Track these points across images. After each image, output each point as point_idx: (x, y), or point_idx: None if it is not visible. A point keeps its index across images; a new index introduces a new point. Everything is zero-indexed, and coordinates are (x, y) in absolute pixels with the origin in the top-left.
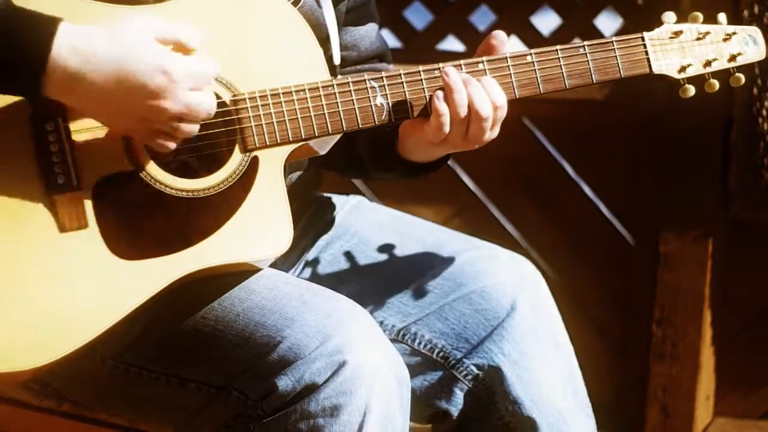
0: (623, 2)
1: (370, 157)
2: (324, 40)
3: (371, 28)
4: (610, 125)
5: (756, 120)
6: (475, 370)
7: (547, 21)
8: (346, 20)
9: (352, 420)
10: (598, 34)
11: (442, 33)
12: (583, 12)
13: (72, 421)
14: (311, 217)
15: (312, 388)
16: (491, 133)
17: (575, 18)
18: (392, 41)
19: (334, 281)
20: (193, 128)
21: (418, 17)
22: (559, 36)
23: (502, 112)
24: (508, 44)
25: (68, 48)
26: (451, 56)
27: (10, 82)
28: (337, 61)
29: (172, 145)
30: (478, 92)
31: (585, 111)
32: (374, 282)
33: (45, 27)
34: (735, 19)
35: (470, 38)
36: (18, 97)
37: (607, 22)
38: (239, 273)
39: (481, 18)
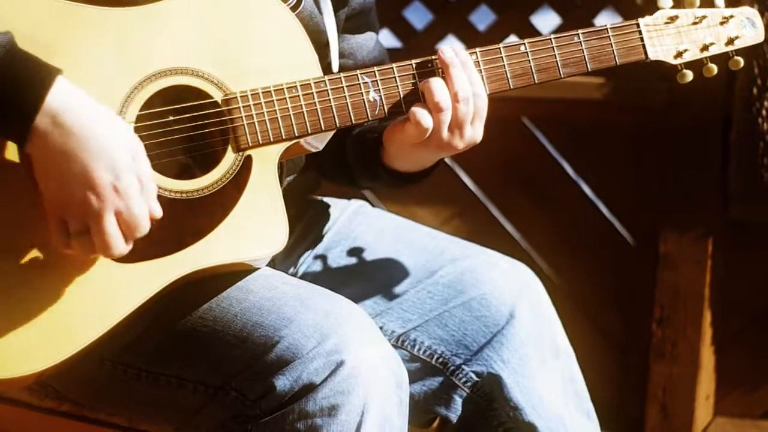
0: (623, 2)
1: (357, 166)
2: (323, 47)
3: (369, 37)
4: (609, 125)
5: (756, 120)
6: (475, 377)
7: (547, 21)
8: (345, 28)
9: (350, 420)
10: None
11: (442, 33)
12: (583, 12)
13: (72, 421)
14: (310, 220)
15: (310, 388)
16: (473, 129)
17: (575, 18)
18: (392, 41)
19: (334, 285)
20: (87, 251)
21: (418, 17)
22: None
23: (480, 101)
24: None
25: (60, 100)
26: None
27: (2, 125)
28: (335, 68)
29: (59, 249)
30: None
31: (585, 110)
32: (374, 287)
33: (44, 75)
34: None
35: (470, 38)
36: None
37: (607, 22)
38: (236, 273)
39: (481, 18)
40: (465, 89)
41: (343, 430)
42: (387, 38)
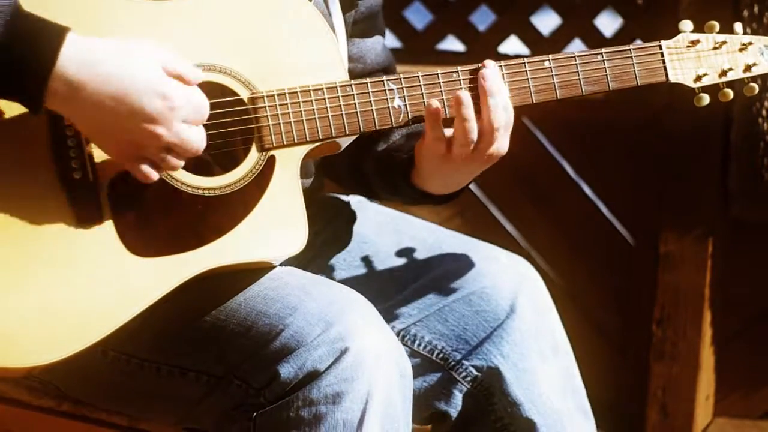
0: (623, 2)
1: (380, 182)
2: None
3: (377, 40)
4: (610, 125)
5: (756, 120)
6: (474, 372)
7: (547, 21)
8: (353, 32)
9: (354, 407)
10: (598, 34)
11: (442, 33)
12: (583, 12)
13: (72, 421)
14: (311, 217)
15: (314, 375)
16: (501, 142)
17: (575, 18)
18: (392, 41)
19: (334, 281)
20: (179, 163)
21: (418, 17)
22: (559, 36)
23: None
24: (509, 45)
25: (73, 59)
26: (451, 56)
27: (13, 89)
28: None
29: (155, 176)
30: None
31: (585, 111)
32: (374, 282)
33: (52, 36)
34: (734, 19)
35: (470, 38)
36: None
37: (607, 22)
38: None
39: (481, 18)
40: (499, 119)
41: (347, 418)
42: (387, 38)
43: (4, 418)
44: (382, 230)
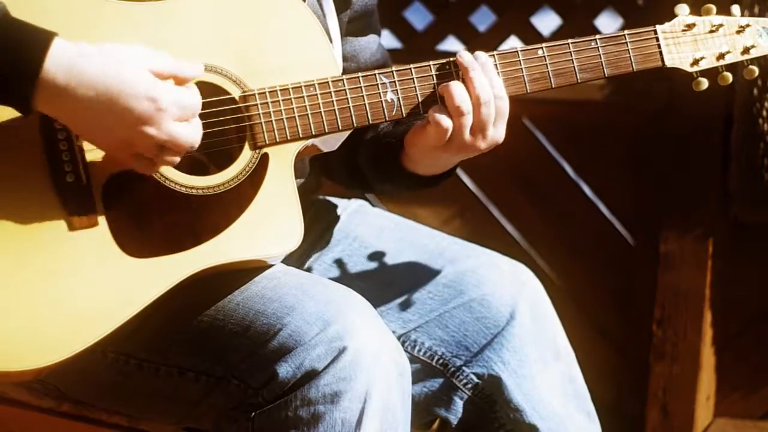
0: (623, 2)
1: (372, 170)
2: None
3: (372, 39)
4: (610, 125)
5: (756, 120)
6: (475, 379)
7: (547, 21)
8: (348, 30)
9: (352, 407)
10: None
11: (442, 33)
12: (583, 12)
13: (72, 421)
14: (311, 220)
15: (312, 375)
16: (495, 130)
17: (575, 18)
18: (392, 41)
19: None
20: (174, 159)
21: (418, 17)
22: (560, 36)
23: (502, 103)
24: (509, 45)
25: (60, 65)
26: (451, 57)
27: (1, 96)
28: (339, 69)
29: (153, 170)
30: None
31: (585, 111)
32: (374, 287)
33: (38, 42)
34: None
35: (470, 39)
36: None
37: (607, 23)
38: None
39: (481, 18)
40: (486, 92)
41: (345, 417)
42: (387, 39)
43: (5, 419)
44: (383, 235)
